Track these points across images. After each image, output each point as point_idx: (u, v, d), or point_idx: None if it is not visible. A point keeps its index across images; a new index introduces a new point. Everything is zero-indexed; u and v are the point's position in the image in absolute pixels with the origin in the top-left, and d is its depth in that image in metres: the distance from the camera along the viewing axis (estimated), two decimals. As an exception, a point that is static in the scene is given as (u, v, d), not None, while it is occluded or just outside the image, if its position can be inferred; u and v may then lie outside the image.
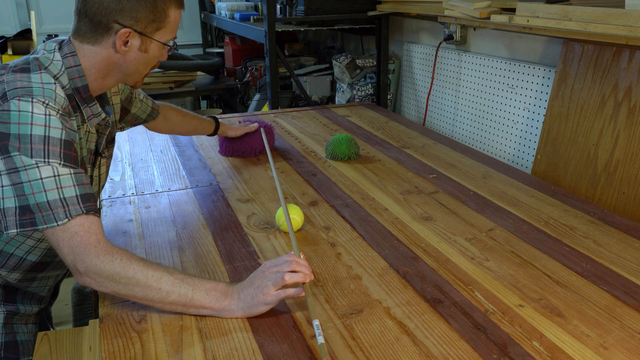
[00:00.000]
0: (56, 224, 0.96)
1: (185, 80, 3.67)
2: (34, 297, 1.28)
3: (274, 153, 1.90)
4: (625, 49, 1.56)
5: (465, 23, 2.07)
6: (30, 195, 0.95)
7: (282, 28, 2.68)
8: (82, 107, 1.12)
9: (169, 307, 0.99)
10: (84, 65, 1.09)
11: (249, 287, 0.99)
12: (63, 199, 0.97)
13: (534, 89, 1.94)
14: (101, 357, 0.91)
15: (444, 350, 0.90)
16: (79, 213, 0.97)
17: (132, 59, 1.10)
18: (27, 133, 0.96)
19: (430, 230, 1.32)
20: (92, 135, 1.19)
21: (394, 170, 1.72)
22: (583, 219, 1.36)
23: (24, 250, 1.18)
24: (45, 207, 0.96)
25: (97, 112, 1.15)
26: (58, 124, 1.00)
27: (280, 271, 0.98)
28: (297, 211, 1.31)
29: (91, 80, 1.11)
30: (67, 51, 1.09)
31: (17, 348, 1.24)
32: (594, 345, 0.91)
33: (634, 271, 1.12)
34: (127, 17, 1.05)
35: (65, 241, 0.97)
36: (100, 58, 1.09)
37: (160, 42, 1.11)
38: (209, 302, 0.98)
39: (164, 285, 0.97)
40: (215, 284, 1.00)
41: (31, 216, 0.96)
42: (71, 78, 1.08)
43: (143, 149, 1.95)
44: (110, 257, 0.97)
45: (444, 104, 2.47)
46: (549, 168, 1.80)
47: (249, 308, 0.98)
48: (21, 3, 4.23)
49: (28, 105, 0.98)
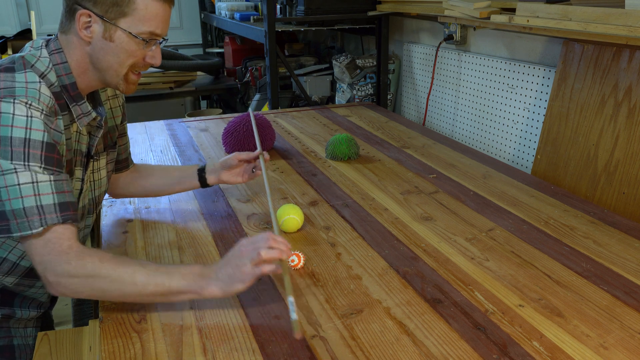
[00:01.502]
0: (30, 232, 0.94)
1: (185, 80, 3.67)
2: (33, 302, 1.26)
3: (274, 153, 1.90)
4: (625, 49, 1.56)
5: (465, 23, 2.07)
6: (7, 202, 0.94)
7: (282, 28, 2.68)
8: (71, 105, 1.08)
9: (149, 299, 0.98)
10: (70, 62, 1.07)
11: (226, 266, 0.96)
12: (40, 207, 0.95)
13: (534, 89, 1.94)
14: (101, 357, 0.90)
15: (444, 350, 0.90)
16: (54, 222, 0.95)
17: (99, 49, 1.05)
18: (7, 135, 0.94)
19: (430, 230, 1.32)
20: (83, 137, 1.15)
21: (394, 170, 1.72)
22: (583, 219, 1.36)
23: (17, 255, 1.16)
24: (21, 214, 0.94)
25: (87, 111, 1.11)
26: (40, 126, 0.97)
27: (256, 248, 0.95)
28: (297, 211, 1.31)
29: (76, 76, 1.08)
30: (53, 47, 1.07)
31: (13, 352, 1.22)
32: (594, 345, 0.91)
33: (634, 271, 1.12)
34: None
35: (37, 249, 0.95)
36: (74, 48, 1.06)
37: (127, 31, 1.04)
38: (187, 286, 0.96)
39: (138, 278, 0.95)
40: (191, 267, 0.99)
41: (6, 223, 0.94)
42: (59, 75, 1.06)
43: (143, 149, 1.95)
44: (81, 262, 0.95)
45: (444, 104, 2.47)
46: (549, 168, 1.80)
47: (228, 287, 0.95)
48: (21, 3, 4.23)
49: (9, 106, 0.95)
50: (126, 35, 1.04)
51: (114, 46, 1.05)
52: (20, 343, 1.24)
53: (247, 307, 1.02)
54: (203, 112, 3.59)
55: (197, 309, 1.02)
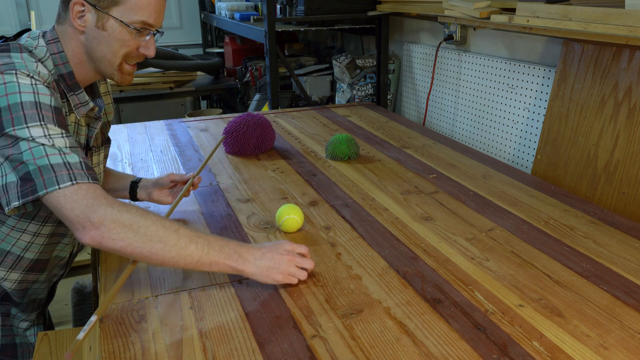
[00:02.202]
0: (58, 187, 0.90)
1: (185, 80, 3.67)
2: (32, 300, 1.26)
3: (274, 153, 1.90)
4: (625, 49, 1.56)
5: (465, 23, 2.07)
6: (31, 161, 0.91)
7: (282, 28, 2.68)
8: (69, 94, 1.08)
9: (183, 262, 0.97)
10: (67, 51, 1.07)
11: (265, 259, 1.03)
12: (67, 164, 0.93)
13: (534, 89, 1.94)
14: (101, 357, 0.90)
15: (444, 350, 0.90)
16: (85, 180, 0.92)
17: (92, 38, 1.05)
18: (17, 101, 0.93)
19: (430, 230, 1.32)
20: (82, 128, 1.15)
21: (394, 170, 1.72)
22: (583, 219, 1.36)
23: (21, 247, 1.16)
24: (48, 170, 0.90)
25: (85, 101, 1.11)
26: (46, 91, 0.97)
27: (291, 262, 1.06)
28: (297, 211, 1.30)
29: (73, 66, 1.08)
30: (49, 37, 1.07)
31: (15, 351, 1.23)
32: (594, 345, 0.91)
33: (634, 271, 1.12)
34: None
35: (70, 200, 0.90)
36: (70, 38, 1.07)
37: (119, 19, 1.04)
38: (223, 258, 0.99)
39: (182, 236, 0.95)
40: (227, 241, 1.02)
41: (31, 184, 0.90)
42: (56, 64, 1.06)
43: (143, 149, 1.95)
44: (125, 207, 0.93)
45: (444, 104, 2.47)
46: (549, 168, 1.80)
47: (262, 277, 1.03)
48: (21, 3, 4.23)
49: (12, 76, 0.95)
50: (118, 24, 1.04)
51: (106, 35, 1.05)
52: (23, 342, 1.25)
53: (247, 307, 1.02)
54: (203, 112, 3.59)
55: (197, 309, 1.02)
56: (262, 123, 1.89)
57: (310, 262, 1.10)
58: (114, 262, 1.19)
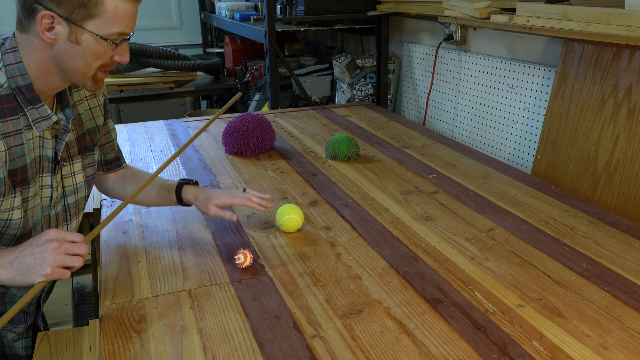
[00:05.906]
0: None
1: (185, 80, 3.67)
2: (19, 314, 1.21)
3: (274, 153, 1.90)
4: (625, 49, 1.56)
5: (465, 23, 2.07)
6: None
7: (282, 28, 2.68)
8: (27, 108, 0.99)
9: None
10: (25, 61, 0.98)
11: (23, 257, 0.93)
12: None
13: (534, 89, 1.94)
14: (101, 357, 0.90)
15: (444, 350, 0.90)
16: None
17: (64, 51, 0.97)
18: None
19: (430, 230, 1.32)
20: (48, 141, 1.06)
21: (394, 170, 1.72)
22: (583, 219, 1.36)
23: None
24: None
25: (46, 115, 1.02)
26: None
27: (58, 258, 0.93)
28: (297, 211, 1.30)
29: (34, 77, 0.99)
30: (8, 47, 0.98)
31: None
32: (594, 345, 0.91)
33: (634, 271, 1.12)
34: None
35: None
36: (34, 49, 0.97)
37: (95, 33, 0.96)
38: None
39: None
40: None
41: None
42: (11, 76, 0.97)
43: (143, 149, 1.95)
44: None
45: (444, 104, 2.47)
46: (549, 168, 1.80)
47: (22, 278, 0.93)
48: (21, 3, 4.23)
49: None
50: (94, 37, 0.97)
51: (80, 49, 0.97)
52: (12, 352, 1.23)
53: (247, 307, 1.02)
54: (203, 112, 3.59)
55: (197, 309, 1.02)
56: (262, 123, 1.89)
57: (83, 247, 0.95)
58: (114, 262, 1.19)
